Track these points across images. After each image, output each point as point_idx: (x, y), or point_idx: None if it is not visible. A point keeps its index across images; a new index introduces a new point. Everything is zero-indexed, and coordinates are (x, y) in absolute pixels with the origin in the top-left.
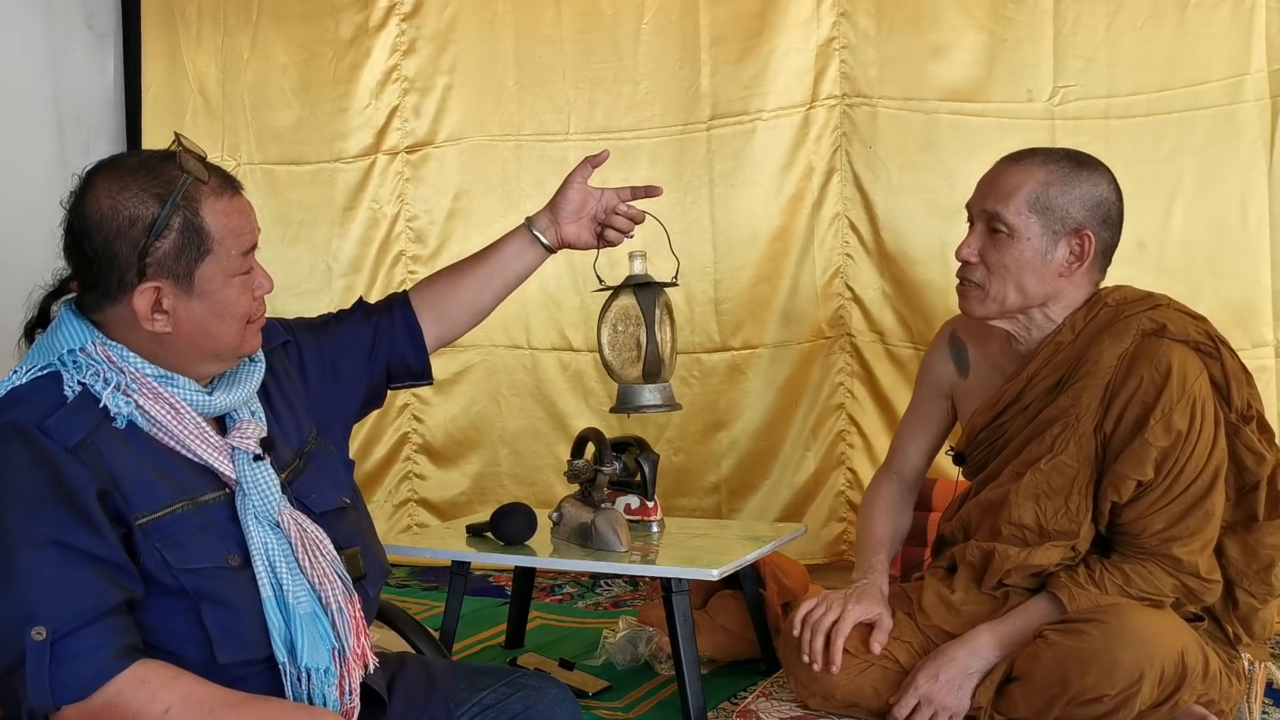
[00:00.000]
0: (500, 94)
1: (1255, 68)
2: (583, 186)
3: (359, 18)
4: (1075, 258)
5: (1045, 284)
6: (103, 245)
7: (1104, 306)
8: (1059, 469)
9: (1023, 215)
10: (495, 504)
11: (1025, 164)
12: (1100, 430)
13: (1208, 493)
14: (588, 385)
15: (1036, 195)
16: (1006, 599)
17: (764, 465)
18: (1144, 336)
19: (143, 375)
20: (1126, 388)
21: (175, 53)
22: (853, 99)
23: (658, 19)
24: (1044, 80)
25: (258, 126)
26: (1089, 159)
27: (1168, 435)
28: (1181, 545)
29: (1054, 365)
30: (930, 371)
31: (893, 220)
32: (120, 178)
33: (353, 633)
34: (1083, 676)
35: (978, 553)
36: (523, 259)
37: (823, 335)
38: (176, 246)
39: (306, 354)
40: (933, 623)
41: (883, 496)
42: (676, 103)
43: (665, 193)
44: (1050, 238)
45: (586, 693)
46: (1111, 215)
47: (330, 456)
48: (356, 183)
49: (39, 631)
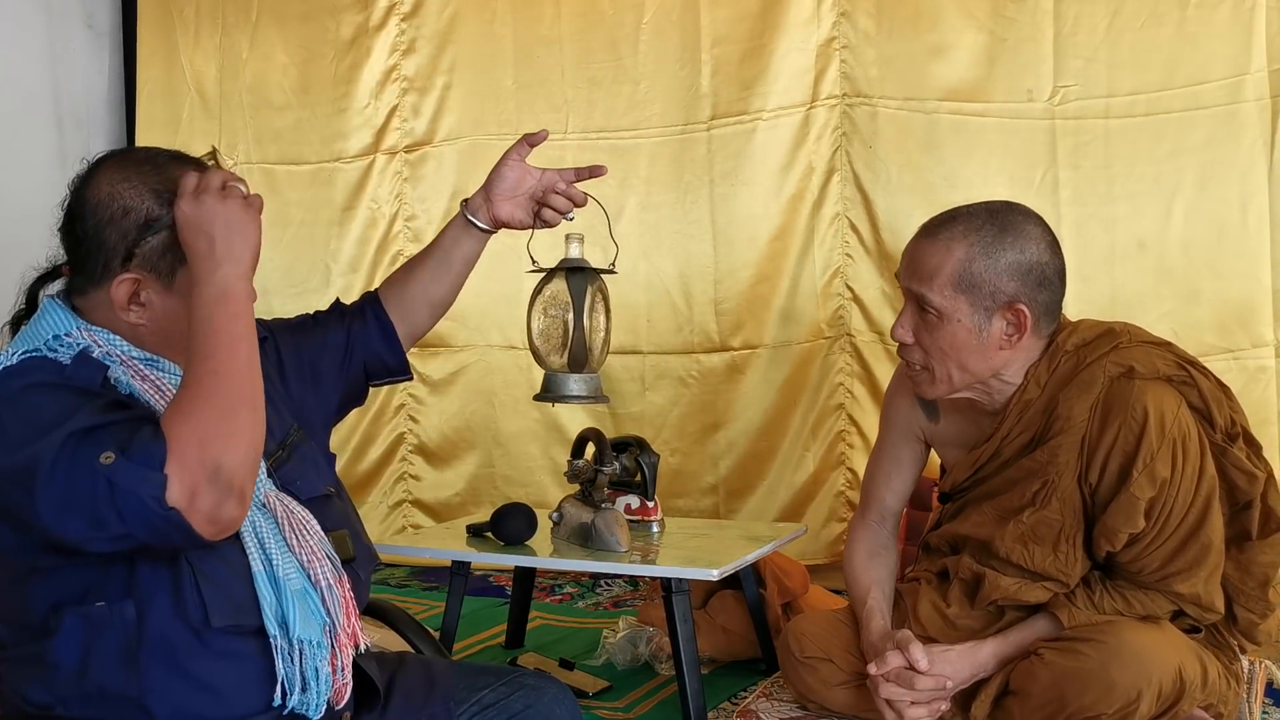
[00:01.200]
0: (499, 93)
1: (1255, 67)
2: (518, 164)
3: (359, 18)
4: (1014, 328)
5: (986, 360)
6: (94, 229)
7: (1064, 355)
8: (1044, 522)
9: (948, 296)
10: (489, 505)
11: (944, 239)
12: (1085, 481)
13: (1201, 525)
14: None
15: (959, 273)
16: (1001, 614)
17: (762, 466)
18: (1112, 382)
19: (129, 357)
20: (1104, 440)
21: (172, 52)
22: (853, 99)
23: (657, 19)
24: (1044, 80)
25: (256, 126)
26: (1014, 218)
27: (1153, 485)
28: (1181, 580)
29: (1025, 422)
30: (898, 416)
31: (893, 220)
32: (125, 168)
33: (343, 611)
34: (1080, 696)
35: (969, 573)
36: (461, 244)
37: (822, 335)
38: (164, 244)
39: (285, 353)
40: (929, 634)
41: (862, 546)
42: (676, 102)
43: (666, 193)
44: (982, 314)
45: (587, 693)
46: (1047, 275)
47: (312, 449)
48: (356, 182)
49: (106, 456)
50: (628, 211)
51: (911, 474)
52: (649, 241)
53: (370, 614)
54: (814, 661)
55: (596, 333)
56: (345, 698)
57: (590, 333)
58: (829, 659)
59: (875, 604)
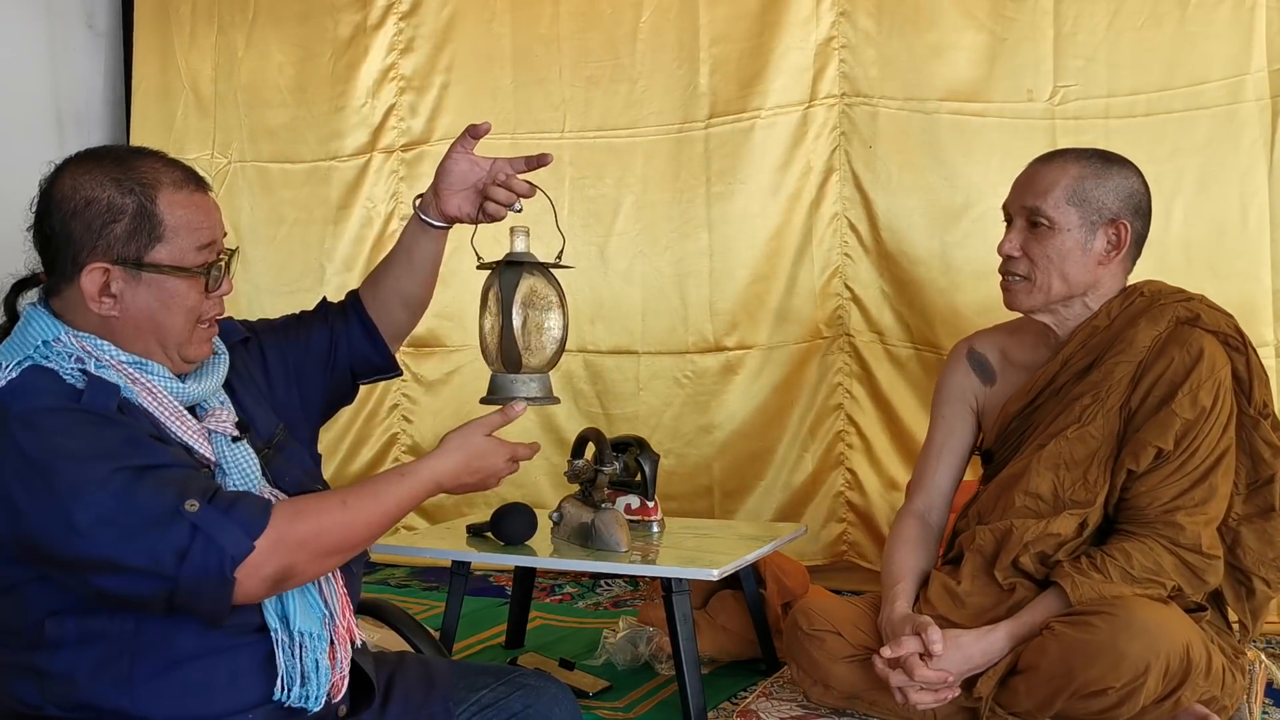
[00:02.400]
0: (496, 92)
1: (1256, 67)
2: (463, 156)
3: (357, 17)
4: (1113, 246)
5: (1086, 272)
6: (60, 224)
7: (1139, 295)
8: (1083, 439)
9: (1061, 208)
10: (482, 506)
11: (1059, 161)
12: (1126, 407)
13: (1214, 469)
14: (576, 386)
15: (1073, 189)
16: (1013, 590)
17: (759, 467)
18: (1178, 324)
19: (119, 361)
20: (1157, 366)
21: (168, 51)
22: (852, 98)
23: (655, 18)
24: (1044, 80)
25: (251, 125)
26: (1118, 156)
27: (1193, 409)
28: (1186, 514)
29: (1089, 349)
30: (952, 388)
31: (893, 220)
32: (86, 163)
33: (340, 604)
34: (1088, 668)
35: (990, 535)
36: (419, 242)
37: (820, 335)
38: (128, 230)
39: (269, 354)
40: (937, 612)
41: (904, 536)
42: (674, 101)
43: (662, 191)
44: (1089, 228)
45: (587, 693)
46: (1143, 206)
47: (299, 450)
48: (351, 181)
49: (191, 504)
50: (624, 210)
51: (964, 450)
52: (645, 241)
53: (370, 614)
54: (821, 634)
55: (539, 331)
56: (342, 691)
57: (529, 330)
58: (836, 632)
59: (903, 589)
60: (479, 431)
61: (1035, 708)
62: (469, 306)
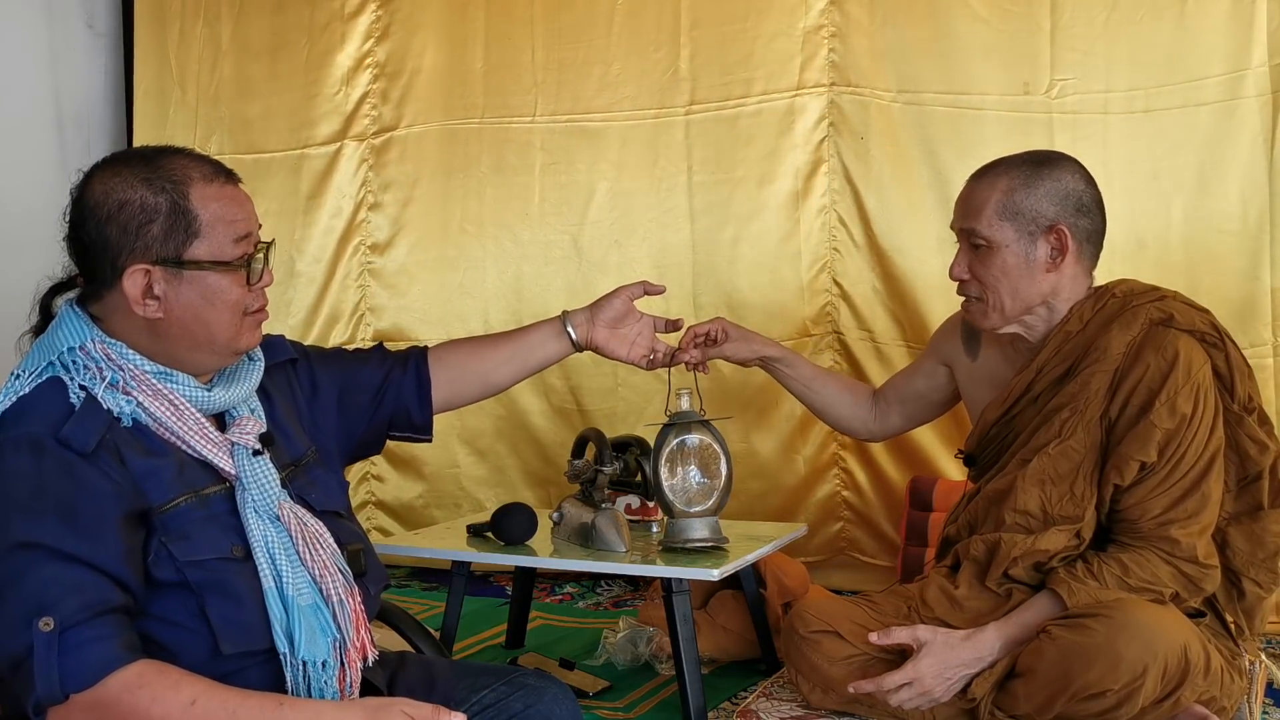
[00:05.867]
0: (467, 76)
1: (1256, 62)
2: (628, 301)
3: (334, 4)
4: (1057, 251)
5: (1036, 283)
6: (96, 231)
7: (1111, 297)
8: (1065, 454)
9: (995, 225)
10: (454, 507)
11: (990, 177)
12: (1106, 417)
13: (1205, 476)
14: (548, 382)
15: (1003, 204)
16: (1009, 596)
17: (746, 468)
18: (1152, 326)
19: (142, 372)
20: (1133, 374)
21: (163, 48)
22: (842, 89)
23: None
24: (1041, 73)
25: (230, 117)
26: (1051, 156)
27: (1172, 418)
28: (1180, 527)
29: (1063, 355)
30: (940, 343)
31: (885, 214)
32: (115, 167)
33: (353, 625)
34: (1086, 671)
35: (982, 546)
36: (547, 347)
37: (808, 333)
38: (165, 229)
39: (320, 377)
40: (935, 615)
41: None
42: (651, 85)
43: (639, 179)
44: (1027, 240)
45: (587, 693)
46: (1084, 202)
47: (327, 474)
48: (322, 170)
49: (46, 622)
50: (597, 197)
51: (920, 383)
52: (620, 229)
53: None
54: (818, 636)
55: (689, 482)
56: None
57: (678, 483)
58: (835, 632)
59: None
60: (399, 706)
61: (1034, 711)
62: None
